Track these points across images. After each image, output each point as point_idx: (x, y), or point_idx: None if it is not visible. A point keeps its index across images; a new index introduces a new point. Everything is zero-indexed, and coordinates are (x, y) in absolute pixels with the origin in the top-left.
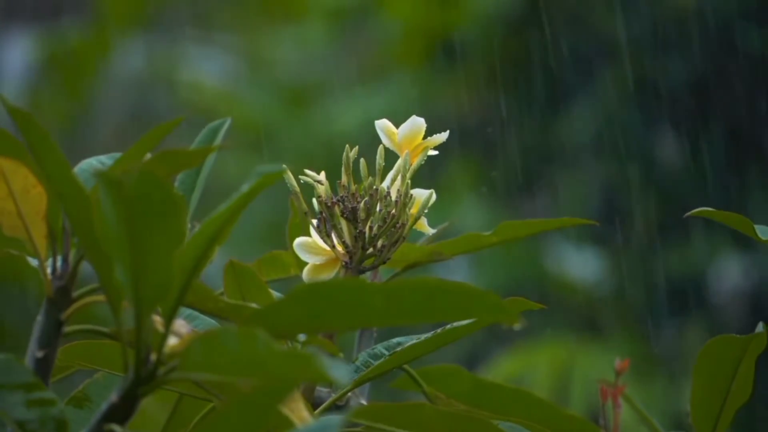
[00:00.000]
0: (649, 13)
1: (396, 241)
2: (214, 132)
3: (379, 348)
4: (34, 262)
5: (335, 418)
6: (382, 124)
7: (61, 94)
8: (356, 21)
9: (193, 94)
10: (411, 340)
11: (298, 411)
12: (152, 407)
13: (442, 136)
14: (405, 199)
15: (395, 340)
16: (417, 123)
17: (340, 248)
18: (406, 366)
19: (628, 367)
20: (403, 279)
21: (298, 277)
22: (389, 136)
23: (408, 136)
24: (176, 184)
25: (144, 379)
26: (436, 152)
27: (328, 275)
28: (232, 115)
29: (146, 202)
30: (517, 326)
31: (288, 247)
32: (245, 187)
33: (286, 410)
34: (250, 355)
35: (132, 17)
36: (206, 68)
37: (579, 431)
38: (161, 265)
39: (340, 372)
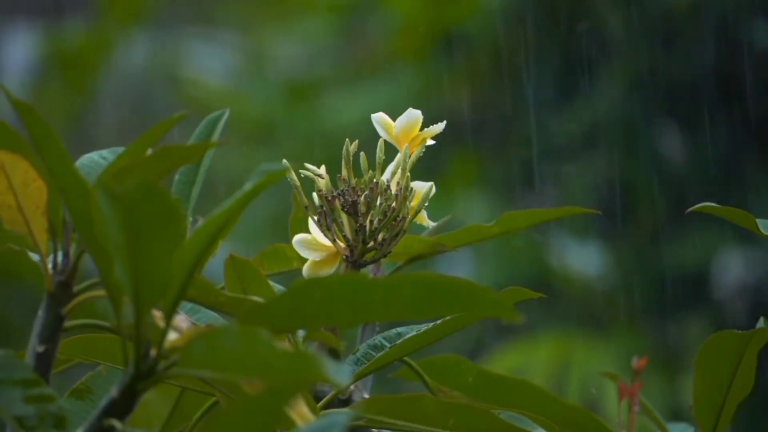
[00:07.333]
0: (653, 7)
1: (396, 235)
2: (213, 124)
3: (380, 339)
4: (35, 256)
5: (339, 418)
6: (379, 118)
7: (64, 90)
8: (357, 15)
9: (196, 90)
10: (411, 332)
11: (300, 409)
12: (154, 401)
13: (439, 127)
14: (405, 192)
15: (395, 330)
16: (413, 115)
17: (340, 242)
18: (407, 358)
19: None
20: (403, 274)
21: (301, 270)
22: (386, 128)
23: (405, 129)
24: (177, 177)
25: (144, 374)
26: (434, 142)
27: (328, 271)
28: (234, 111)
29: (145, 212)
30: (517, 321)
31: (290, 240)
32: (248, 185)
33: (287, 408)
34: (251, 355)
35: (134, 13)
36: (208, 64)
37: (581, 421)
38: (160, 268)
39: (340, 374)
